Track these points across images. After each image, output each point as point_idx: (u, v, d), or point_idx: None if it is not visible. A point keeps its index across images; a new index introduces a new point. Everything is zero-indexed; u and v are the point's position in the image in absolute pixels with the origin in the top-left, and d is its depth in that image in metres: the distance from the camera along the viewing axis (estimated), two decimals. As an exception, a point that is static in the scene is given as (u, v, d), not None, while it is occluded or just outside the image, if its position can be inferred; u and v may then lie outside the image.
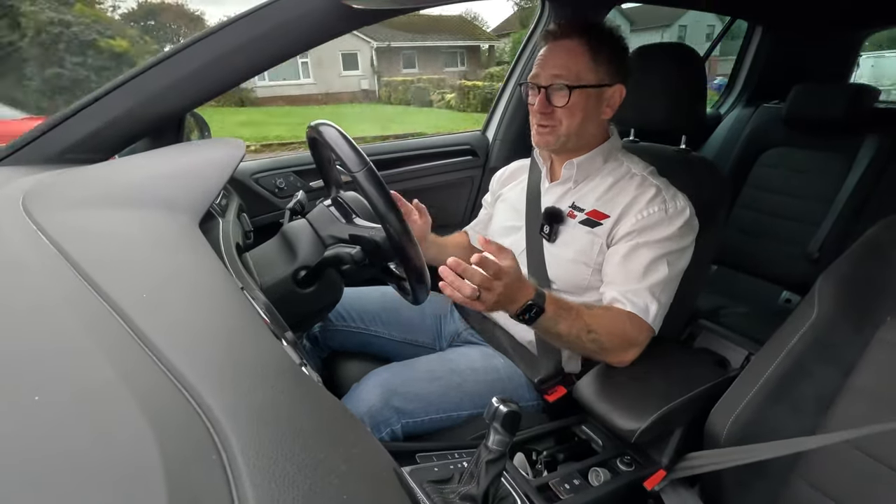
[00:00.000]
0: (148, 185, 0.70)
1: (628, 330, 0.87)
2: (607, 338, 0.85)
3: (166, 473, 0.25)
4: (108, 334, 0.36)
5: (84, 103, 0.84)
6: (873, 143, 1.53)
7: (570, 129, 0.94)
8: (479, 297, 0.73)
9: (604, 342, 0.85)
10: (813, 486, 0.75)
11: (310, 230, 0.84)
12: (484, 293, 0.73)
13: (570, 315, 0.83)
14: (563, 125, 0.94)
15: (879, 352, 0.76)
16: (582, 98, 0.92)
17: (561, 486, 0.77)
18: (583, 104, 0.92)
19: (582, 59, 0.91)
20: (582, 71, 0.91)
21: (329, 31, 0.93)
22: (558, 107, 0.92)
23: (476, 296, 0.72)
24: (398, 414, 0.87)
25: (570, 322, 0.82)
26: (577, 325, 0.83)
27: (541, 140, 0.98)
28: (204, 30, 0.88)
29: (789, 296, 1.70)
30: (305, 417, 0.33)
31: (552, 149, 0.99)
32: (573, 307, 0.84)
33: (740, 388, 0.81)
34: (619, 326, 0.86)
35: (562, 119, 0.93)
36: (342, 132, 0.74)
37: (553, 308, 0.81)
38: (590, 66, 0.91)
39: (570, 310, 0.83)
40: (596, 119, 0.96)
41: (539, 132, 0.97)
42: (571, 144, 0.97)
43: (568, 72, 0.91)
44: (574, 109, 0.92)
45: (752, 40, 2.04)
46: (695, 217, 0.93)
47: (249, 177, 1.33)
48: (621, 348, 0.88)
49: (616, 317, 0.87)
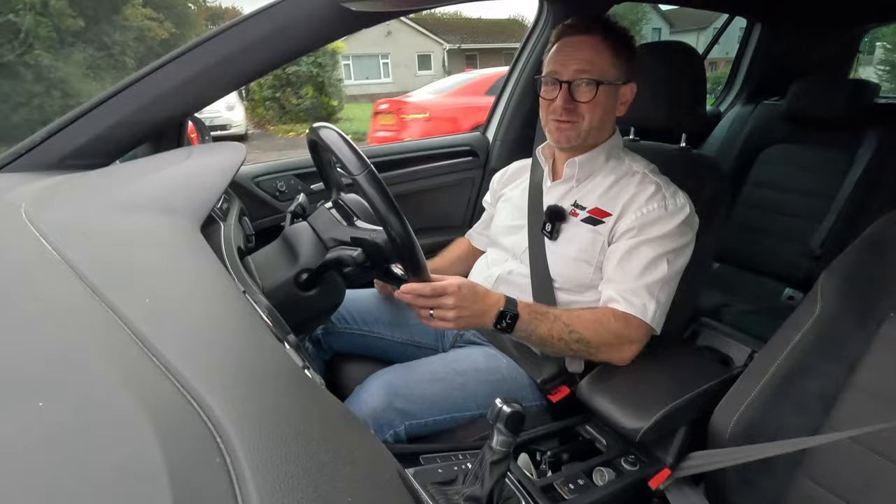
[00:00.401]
0: (149, 190, 0.70)
1: (618, 327, 0.87)
2: (593, 336, 0.86)
3: (171, 477, 0.25)
4: (111, 340, 0.36)
5: (84, 109, 0.85)
6: (874, 139, 1.53)
7: (592, 124, 0.94)
8: (433, 317, 0.80)
9: (590, 341, 0.86)
10: (818, 484, 0.75)
11: (311, 233, 0.85)
12: (438, 312, 0.80)
13: (548, 318, 0.86)
14: (585, 121, 0.94)
15: (883, 348, 0.75)
16: (605, 94, 0.93)
17: (565, 487, 0.77)
18: (604, 100, 0.93)
19: (606, 55, 0.92)
20: (606, 67, 0.92)
21: (329, 34, 0.93)
22: (582, 102, 0.92)
23: (428, 315, 0.80)
24: (401, 415, 0.86)
25: (548, 324, 0.86)
26: (557, 326, 0.85)
27: (561, 136, 0.96)
28: (203, 35, 0.88)
29: (792, 293, 1.70)
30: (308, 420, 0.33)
31: (572, 144, 0.98)
32: (549, 310, 0.88)
33: (744, 386, 0.81)
34: (604, 325, 0.87)
35: (584, 115, 0.93)
36: (342, 135, 0.75)
37: (528, 312, 0.85)
38: (613, 63, 0.92)
39: (547, 313, 0.87)
40: (612, 116, 0.97)
41: (560, 128, 0.96)
42: (591, 140, 0.98)
43: (593, 67, 0.91)
44: (597, 105, 0.93)
45: (752, 37, 2.04)
46: (695, 214, 0.93)
47: (250, 180, 1.34)
48: (614, 347, 0.88)
49: (600, 315, 0.88)
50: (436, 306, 0.80)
